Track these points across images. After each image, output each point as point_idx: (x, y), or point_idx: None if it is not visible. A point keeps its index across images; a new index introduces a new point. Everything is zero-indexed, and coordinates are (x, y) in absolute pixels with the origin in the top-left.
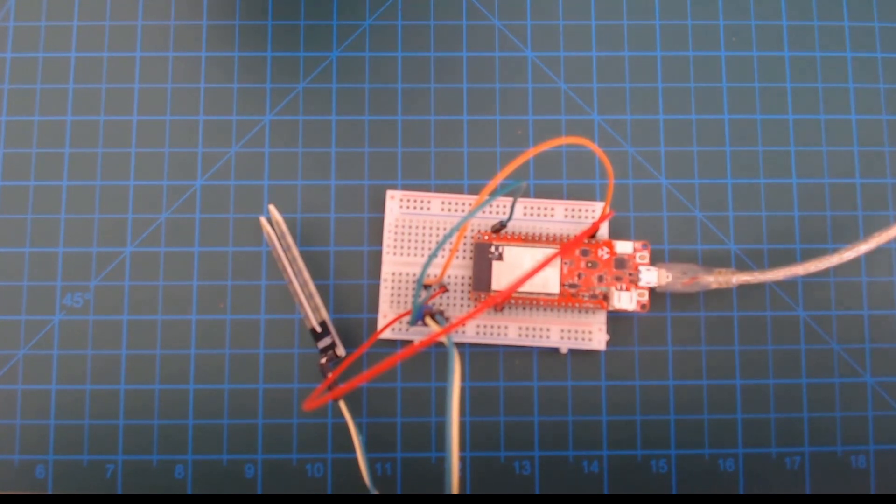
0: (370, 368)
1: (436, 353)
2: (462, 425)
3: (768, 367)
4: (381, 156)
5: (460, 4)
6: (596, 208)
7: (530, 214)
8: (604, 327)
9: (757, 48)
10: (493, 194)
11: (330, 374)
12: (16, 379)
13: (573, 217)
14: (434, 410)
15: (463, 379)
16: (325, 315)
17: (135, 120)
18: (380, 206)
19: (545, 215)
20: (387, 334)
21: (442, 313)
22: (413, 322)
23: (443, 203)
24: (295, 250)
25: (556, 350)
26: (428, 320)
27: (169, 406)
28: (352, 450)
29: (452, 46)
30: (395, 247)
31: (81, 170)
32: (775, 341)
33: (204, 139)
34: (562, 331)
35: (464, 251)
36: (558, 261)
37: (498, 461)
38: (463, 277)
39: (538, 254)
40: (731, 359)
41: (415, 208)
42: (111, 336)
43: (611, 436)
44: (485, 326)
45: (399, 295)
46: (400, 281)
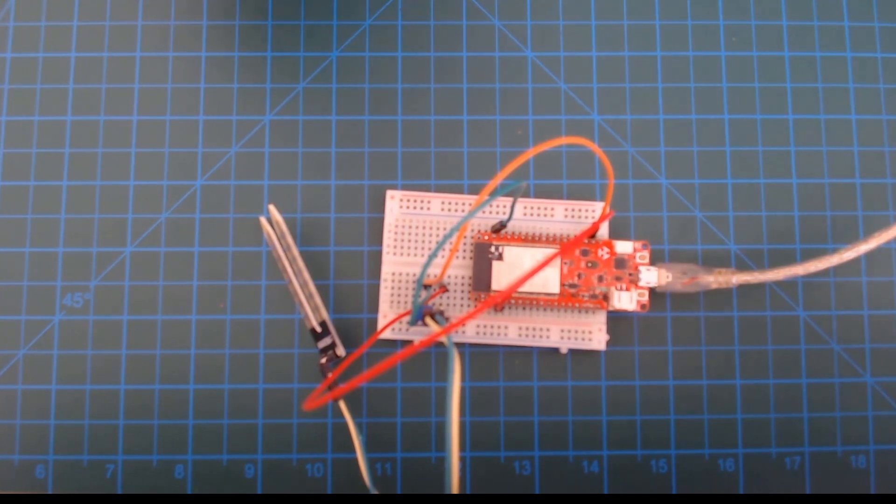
0: (370, 368)
1: (436, 353)
2: (462, 425)
3: (768, 367)
4: (381, 156)
5: (460, 4)
6: (596, 208)
7: (530, 214)
8: (604, 327)
9: (757, 48)
10: (493, 194)
11: (330, 374)
12: (16, 379)
13: (573, 217)
14: (434, 410)
15: (463, 379)
16: (325, 315)
17: (135, 120)
18: (380, 206)
19: (545, 215)
20: (387, 334)
21: (442, 313)
22: (413, 322)
23: (443, 203)
24: (295, 250)
25: (556, 350)
26: (428, 320)
27: (169, 406)
28: (352, 450)
29: (452, 46)
30: (395, 247)
31: (81, 170)
32: (775, 341)
33: (204, 139)
34: (562, 331)
35: (464, 251)
36: (558, 261)
37: (498, 461)
38: (463, 277)
39: (538, 254)
40: (731, 359)
41: (415, 208)
42: (111, 336)
43: (611, 436)
44: (485, 326)
45: (399, 295)
46: (400, 281)
